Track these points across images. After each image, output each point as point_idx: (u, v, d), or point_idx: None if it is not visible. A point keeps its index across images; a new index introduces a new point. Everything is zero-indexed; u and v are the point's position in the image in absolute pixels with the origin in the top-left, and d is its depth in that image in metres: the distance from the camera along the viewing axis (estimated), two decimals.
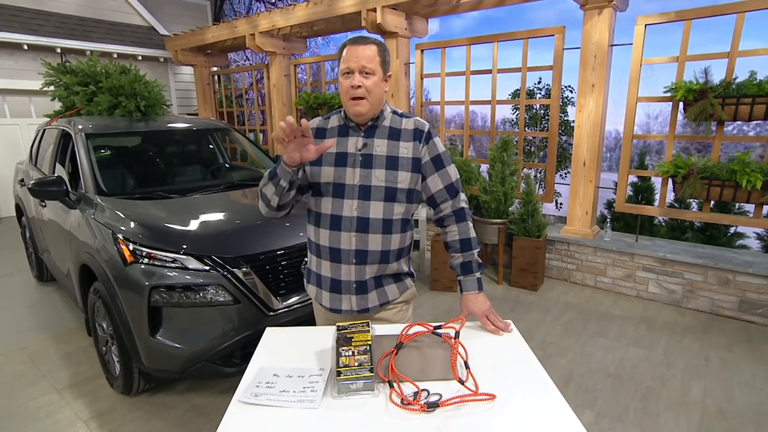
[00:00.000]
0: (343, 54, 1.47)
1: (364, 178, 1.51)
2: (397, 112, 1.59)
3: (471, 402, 1.15)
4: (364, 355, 1.24)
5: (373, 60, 1.45)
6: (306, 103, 6.55)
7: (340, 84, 1.49)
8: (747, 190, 3.35)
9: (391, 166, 1.52)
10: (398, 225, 1.56)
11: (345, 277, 1.56)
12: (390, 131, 1.55)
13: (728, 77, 3.43)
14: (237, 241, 2.47)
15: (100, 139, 3.41)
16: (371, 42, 1.47)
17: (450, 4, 5.00)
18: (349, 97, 1.47)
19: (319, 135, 1.58)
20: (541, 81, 7.95)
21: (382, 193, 1.51)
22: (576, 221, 4.37)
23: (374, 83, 1.46)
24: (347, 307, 1.59)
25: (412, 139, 1.54)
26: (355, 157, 1.52)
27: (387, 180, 1.51)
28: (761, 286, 3.46)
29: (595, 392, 2.66)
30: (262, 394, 1.20)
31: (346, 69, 1.45)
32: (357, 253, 1.53)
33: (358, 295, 1.58)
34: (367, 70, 1.44)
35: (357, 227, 1.51)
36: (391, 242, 1.55)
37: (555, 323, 3.54)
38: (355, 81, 1.44)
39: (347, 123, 1.56)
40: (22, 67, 7.46)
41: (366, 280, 1.57)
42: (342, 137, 1.55)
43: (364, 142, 1.53)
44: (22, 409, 2.59)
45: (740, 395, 2.62)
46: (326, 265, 1.58)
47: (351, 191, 1.51)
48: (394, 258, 1.59)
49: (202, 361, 2.30)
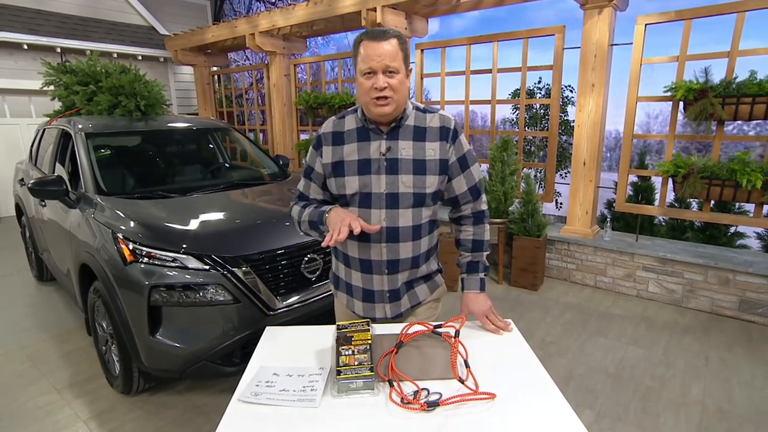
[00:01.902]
0: (361, 51, 1.35)
1: (390, 185, 1.42)
2: (419, 107, 1.49)
3: (471, 401, 1.15)
4: (364, 354, 1.24)
5: (396, 57, 1.34)
6: (306, 102, 6.55)
7: (359, 84, 1.38)
8: (747, 189, 3.35)
9: (418, 171, 1.42)
10: (426, 228, 1.51)
11: (377, 287, 1.51)
12: (415, 131, 1.44)
13: (728, 77, 3.43)
14: (237, 240, 2.47)
15: (100, 139, 3.41)
16: (391, 36, 1.34)
17: (450, 3, 5.00)
18: (371, 98, 1.35)
19: (336, 140, 1.48)
20: (541, 81, 7.97)
21: (410, 200, 1.43)
22: (576, 221, 4.37)
23: (399, 81, 1.35)
24: (381, 315, 1.55)
25: (439, 139, 1.45)
26: (379, 163, 1.42)
27: (415, 186, 1.42)
28: (761, 285, 3.46)
29: (595, 392, 2.66)
30: (261, 393, 1.20)
31: (367, 69, 1.34)
32: (389, 263, 1.48)
33: (392, 302, 1.54)
34: (391, 69, 1.34)
35: (387, 238, 1.45)
36: (421, 246, 1.51)
37: (555, 323, 3.54)
38: (380, 82, 1.33)
39: (366, 125, 1.45)
40: (22, 67, 7.45)
41: (399, 288, 1.53)
42: (362, 141, 1.44)
43: (388, 146, 1.42)
44: (22, 408, 2.59)
45: (740, 395, 2.62)
46: (357, 275, 1.53)
47: (378, 200, 1.43)
48: (424, 261, 1.55)
49: (202, 361, 2.30)
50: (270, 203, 3.14)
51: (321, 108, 6.39)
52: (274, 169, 3.80)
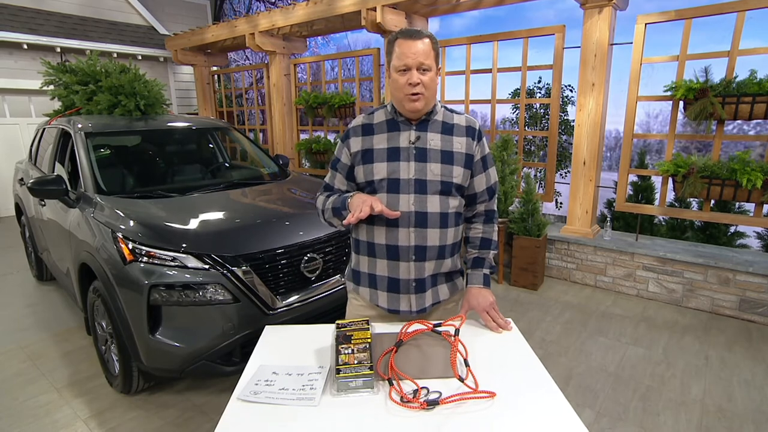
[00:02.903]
0: (396, 49, 1.43)
1: (419, 172, 1.48)
2: (447, 107, 1.59)
3: (471, 400, 1.14)
4: (364, 353, 1.24)
5: (429, 55, 1.42)
6: (306, 102, 6.54)
7: (393, 80, 1.45)
8: (747, 189, 3.35)
9: (446, 161, 1.50)
10: (453, 219, 1.54)
11: (404, 275, 1.52)
12: (443, 126, 1.53)
13: (728, 76, 3.43)
14: (236, 239, 2.47)
15: (100, 138, 3.41)
16: (425, 35, 1.43)
17: (450, 3, 5.00)
18: (405, 93, 1.43)
19: (365, 131, 1.55)
20: (541, 80, 7.94)
21: (438, 187, 1.49)
22: (576, 220, 4.37)
23: (431, 79, 1.44)
24: (405, 308, 1.56)
25: (465, 135, 1.53)
26: (408, 151, 1.49)
27: (443, 174, 1.49)
28: (761, 285, 3.46)
29: (595, 391, 2.66)
30: (261, 392, 1.20)
31: (403, 66, 1.42)
32: (416, 249, 1.50)
33: (417, 294, 1.54)
34: (425, 66, 1.42)
35: (415, 222, 1.48)
36: (448, 236, 1.53)
37: (555, 322, 3.53)
38: (414, 78, 1.40)
39: (396, 117, 1.53)
40: (21, 67, 7.45)
41: (425, 278, 1.54)
42: (392, 132, 1.52)
43: (417, 135, 1.50)
44: (22, 407, 2.59)
45: (740, 394, 2.62)
46: (383, 264, 1.54)
47: (407, 185, 1.48)
48: (449, 253, 1.57)
49: (202, 360, 2.30)
50: (270, 203, 3.14)
51: (321, 108, 6.39)
52: (274, 169, 3.80)
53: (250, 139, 4.34)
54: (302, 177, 3.84)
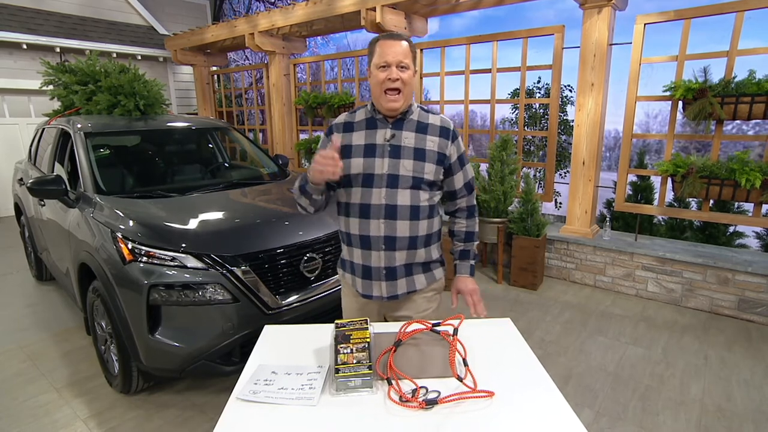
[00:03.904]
0: (377, 49, 1.55)
1: (392, 168, 1.58)
2: (423, 107, 1.69)
3: (469, 399, 1.15)
4: (363, 353, 1.24)
5: (407, 55, 1.54)
6: (305, 102, 6.54)
7: (373, 76, 1.56)
8: (746, 189, 3.35)
9: (418, 158, 1.59)
10: (425, 211, 1.63)
11: (375, 263, 1.63)
12: (418, 125, 1.63)
13: (727, 76, 3.43)
14: (236, 239, 2.47)
15: (99, 138, 3.41)
16: (404, 38, 1.56)
17: (449, 3, 5.00)
18: (384, 89, 1.54)
19: (347, 128, 1.67)
20: (541, 80, 7.95)
21: (409, 182, 1.59)
22: (575, 220, 4.37)
23: (409, 76, 1.55)
24: (377, 294, 1.66)
25: (438, 135, 1.63)
26: (383, 148, 1.60)
27: (414, 170, 1.59)
28: (760, 285, 3.47)
29: (594, 391, 2.66)
30: (260, 392, 1.20)
31: (383, 63, 1.53)
32: (386, 239, 1.60)
33: (388, 281, 1.64)
34: (403, 64, 1.53)
35: (385, 214, 1.59)
36: (419, 228, 1.62)
37: (554, 322, 3.54)
38: (393, 74, 1.52)
39: (375, 116, 1.64)
40: (21, 67, 7.45)
41: (395, 267, 1.63)
42: (370, 129, 1.63)
43: (392, 133, 1.61)
44: (21, 407, 2.59)
45: (739, 394, 2.62)
46: (357, 252, 1.66)
47: (379, 180, 1.59)
48: (422, 244, 1.66)
49: (201, 360, 2.30)
50: (269, 203, 3.14)
51: (320, 108, 6.39)
52: (274, 169, 3.80)
53: (250, 139, 4.34)
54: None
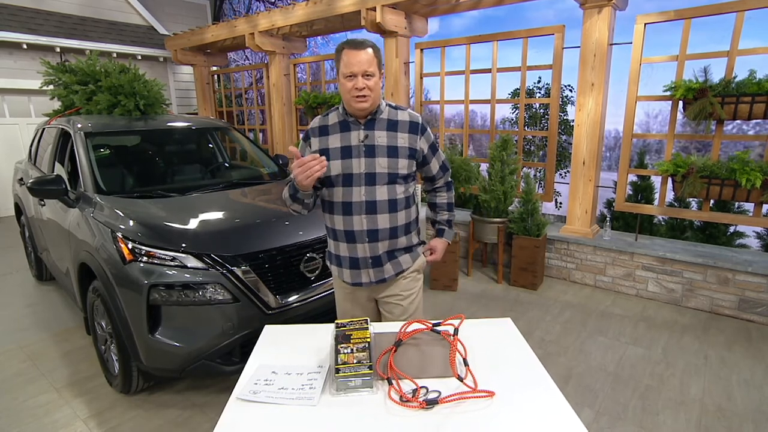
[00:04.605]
0: (343, 58, 1.62)
1: (368, 166, 1.69)
2: (391, 105, 1.78)
3: (470, 399, 1.15)
4: (363, 353, 1.24)
5: (372, 63, 1.62)
6: (305, 102, 6.54)
7: (341, 84, 1.65)
8: (746, 188, 3.35)
9: (392, 155, 1.71)
10: (402, 203, 1.76)
11: (361, 254, 1.77)
12: (388, 123, 1.73)
13: (728, 76, 3.43)
14: (236, 239, 2.47)
15: (100, 138, 3.41)
16: (368, 46, 1.63)
17: (449, 3, 5.00)
18: (352, 96, 1.63)
19: (322, 132, 1.76)
20: (541, 80, 7.96)
21: (385, 178, 1.71)
22: (575, 220, 4.37)
23: (375, 83, 1.64)
24: (366, 280, 1.81)
25: (408, 131, 1.75)
26: (359, 149, 1.70)
27: (389, 167, 1.70)
28: (760, 285, 3.46)
29: (595, 391, 2.66)
30: (260, 392, 1.20)
31: (349, 73, 1.61)
32: (368, 233, 1.73)
33: (375, 268, 1.78)
34: (369, 72, 1.61)
35: (366, 210, 1.71)
36: (398, 219, 1.76)
37: (554, 322, 3.54)
38: (360, 84, 1.60)
39: (347, 118, 1.72)
40: (21, 67, 7.45)
41: (380, 255, 1.77)
42: (344, 132, 1.72)
43: (366, 134, 1.70)
44: (21, 407, 2.59)
45: (739, 394, 2.62)
46: (343, 246, 1.78)
47: (358, 179, 1.70)
48: (402, 233, 1.80)
49: (201, 360, 2.30)
50: (269, 202, 3.13)
51: (320, 107, 6.39)
52: (274, 169, 3.79)
53: (250, 139, 4.34)
54: None
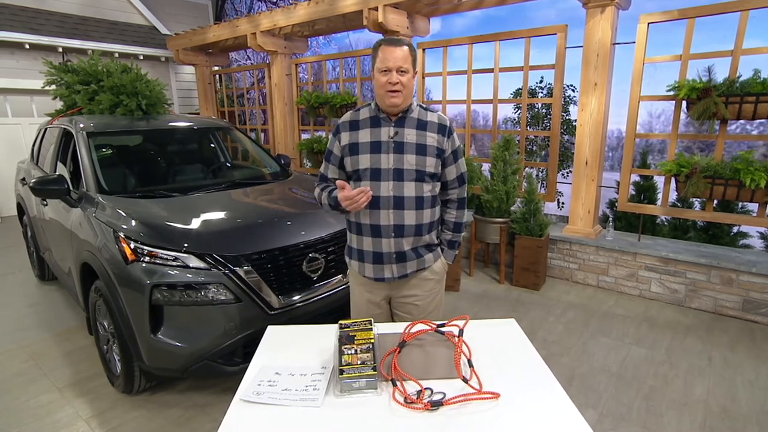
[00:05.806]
0: (380, 53, 1.69)
1: (397, 162, 1.74)
2: (422, 105, 1.83)
3: (475, 400, 1.14)
4: (367, 354, 1.23)
5: (407, 60, 1.68)
6: (307, 102, 6.53)
7: (376, 79, 1.71)
8: (750, 188, 3.34)
9: (420, 152, 1.75)
10: (428, 201, 1.80)
11: (386, 249, 1.79)
12: (418, 122, 1.78)
13: (732, 76, 3.41)
14: (238, 239, 2.46)
15: (102, 138, 3.41)
16: (404, 43, 1.69)
17: (451, 3, 4.99)
18: (386, 90, 1.68)
19: (352, 127, 1.81)
20: (543, 80, 7.94)
21: (413, 175, 1.75)
22: (578, 220, 4.35)
23: (408, 79, 1.69)
24: (389, 275, 1.83)
25: (437, 132, 1.78)
26: (388, 144, 1.75)
27: (417, 164, 1.74)
28: (764, 285, 3.45)
29: (598, 391, 2.65)
30: (263, 393, 1.19)
31: (384, 67, 1.67)
32: (395, 227, 1.77)
33: (398, 263, 1.81)
34: (403, 69, 1.67)
35: (394, 205, 1.75)
36: (424, 216, 1.80)
37: (557, 322, 3.52)
38: (394, 78, 1.66)
39: (378, 114, 1.78)
40: (23, 67, 7.46)
41: (405, 251, 1.80)
42: (375, 127, 1.77)
43: (396, 131, 1.75)
44: (23, 407, 2.59)
45: (744, 395, 2.61)
46: (368, 240, 1.81)
47: (387, 174, 1.74)
48: (427, 231, 1.83)
49: (204, 360, 2.30)
50: (271, 202, 3.13)
51: (322, 107, 6.38)
52: (276, 169, 3.79)
53: (252, 139, 4.33)
54: (304, 177, 3.83)
